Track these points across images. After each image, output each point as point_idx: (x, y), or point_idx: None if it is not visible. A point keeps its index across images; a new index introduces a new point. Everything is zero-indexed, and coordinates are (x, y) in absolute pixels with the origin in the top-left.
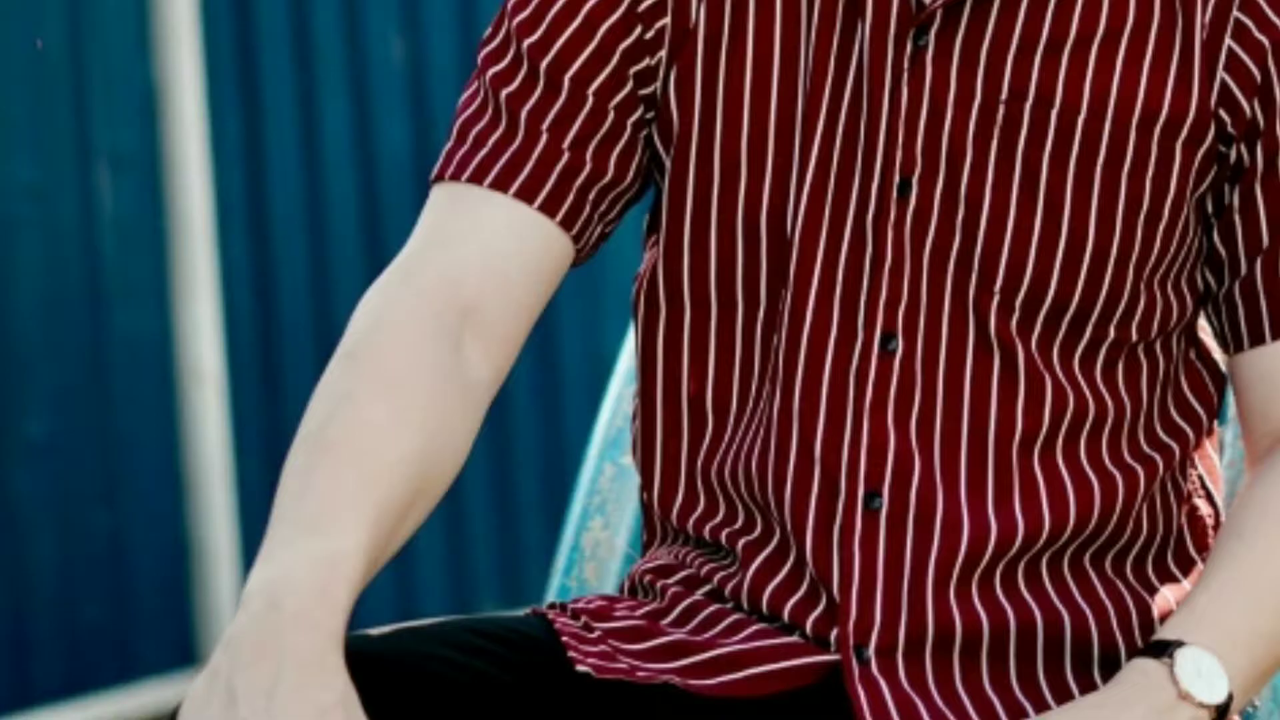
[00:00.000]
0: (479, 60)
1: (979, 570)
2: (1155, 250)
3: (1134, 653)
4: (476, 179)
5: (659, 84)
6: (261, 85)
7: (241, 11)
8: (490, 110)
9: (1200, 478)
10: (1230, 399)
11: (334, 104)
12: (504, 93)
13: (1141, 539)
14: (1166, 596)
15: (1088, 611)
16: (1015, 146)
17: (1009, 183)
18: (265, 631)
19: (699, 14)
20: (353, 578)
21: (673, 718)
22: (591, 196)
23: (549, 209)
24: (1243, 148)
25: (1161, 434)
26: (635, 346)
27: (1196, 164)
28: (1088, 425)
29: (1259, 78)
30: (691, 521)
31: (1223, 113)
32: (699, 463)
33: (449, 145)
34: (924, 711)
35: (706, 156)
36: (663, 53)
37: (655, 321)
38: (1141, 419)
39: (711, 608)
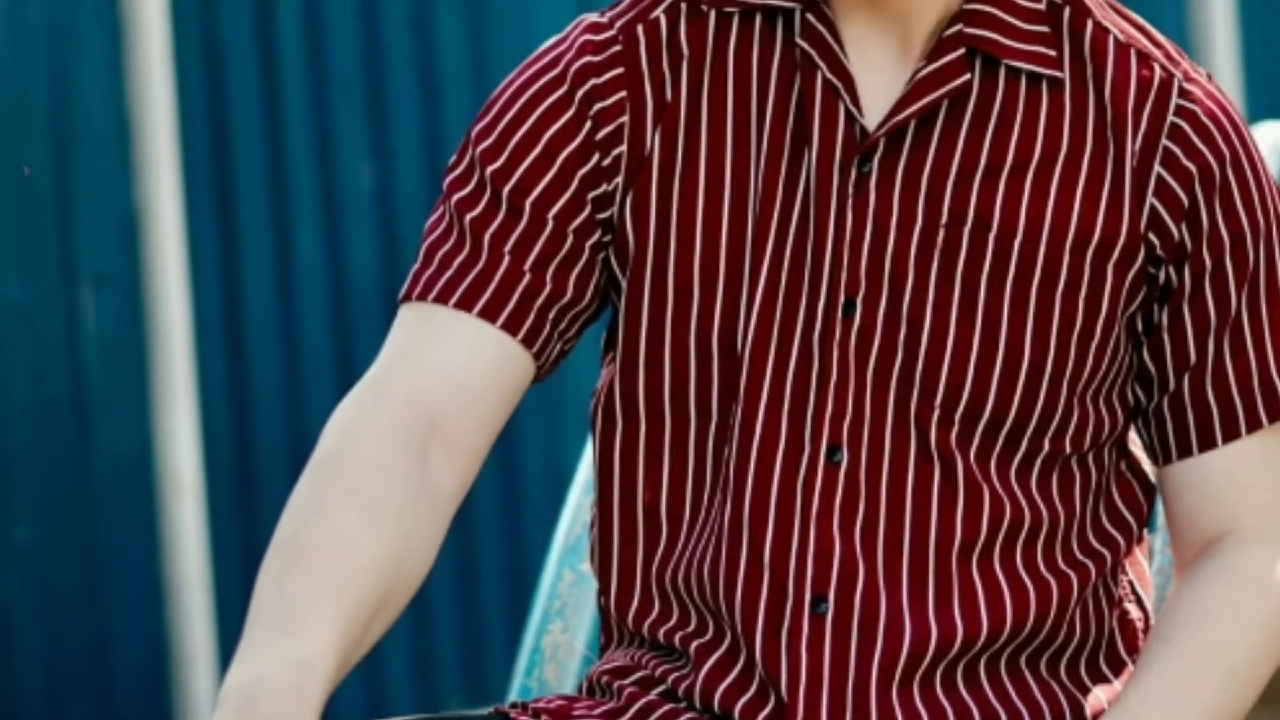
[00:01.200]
0: (444, 186)
1: (920, 671)
2: (1088, 367)
3: None
4: (442, 299)
5: (616, 208)
6: (237, 209)
7: (218, 139)
8: (455, 233)
9: (1131, 583)
10: (1159, 508)
11: (306, 227)
12: (468, 217)
13: (1075, 641)
14: (1099, 696)
15: (1024, 711)
16: (955, 268)
17: (949, 302)
18: None
19: (654, 142)
20: (325, 678)
21: None
22: (551, 316)
23: (511, 328)
24: (1171, 269)
25: (1094, 541)
26: (593, 458)
27: (1127, 285)
28: (1024, 533)
29: (1186, 203)
30: (647, 625)
31: (1152, 236)
32: (654, 569)
33: (416, 267)
34: None
35: (661, 277)
36: (619, 179)
37: (612, 434)
38: (1075, 527)
39: (665, 707)
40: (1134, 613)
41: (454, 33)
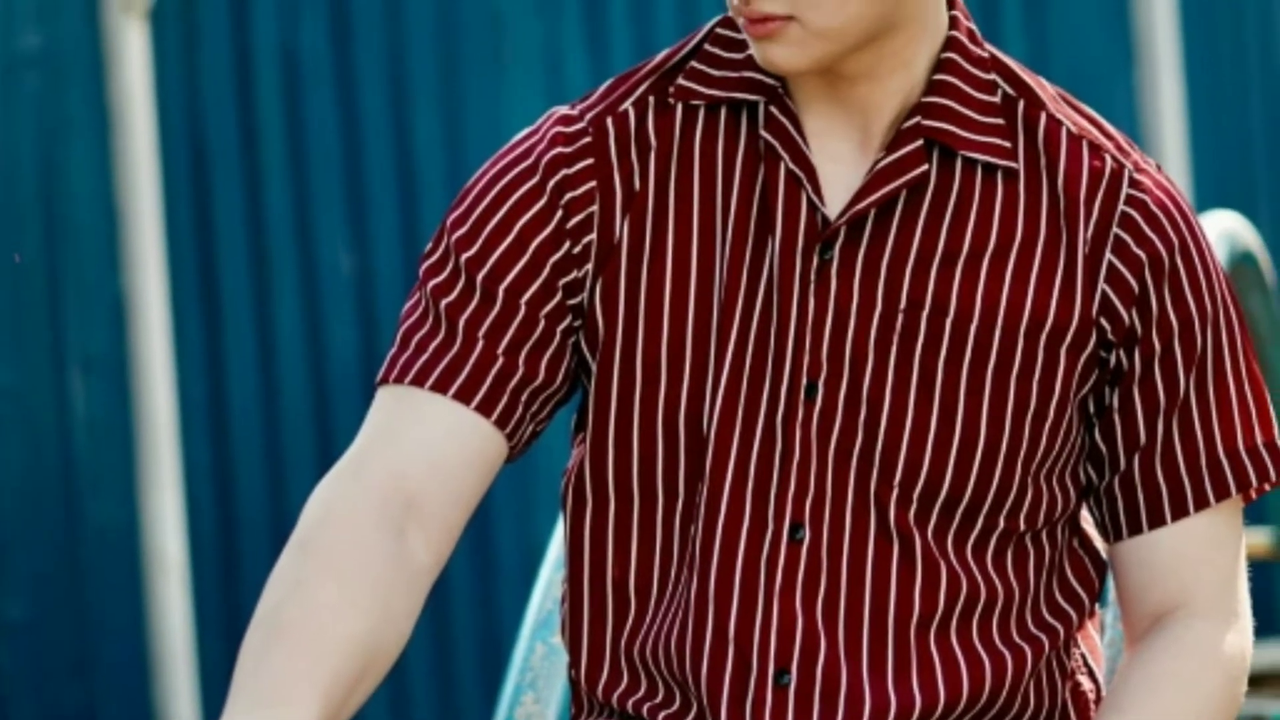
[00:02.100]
0: (420, 272)
1: None
2: (1042, 447)
3: None
4: (418, 382)
5: (586, 294)
6: (221, 295)
7: (203, 228)
8: (431, 318)
9: (1083, 656)
10: (1110, 583)
11: (288, 312)
12: (443, 302)
13: (1029, 712)
14: None
15: None
16: (913, 352)
17: (907, 385)
18: None
19: (622, 230)
20: None
21: None
22: (524, 398)
23: (485, 410)
24: (1122, 353)
25: (1047, 616)
26: (564, 535)
27: (1080, 368)
28: (980, 607)
29: (1136, 289)
30: (616, 696)
31: (1103, 321)
32: (623, 642)
33: (393, 350)
34: None
35: (629, 361)
36: (589, 266)
37: (582, 512)
38: (1030, 602)
39: None
40: (1086, 684)
41: (430, 124)
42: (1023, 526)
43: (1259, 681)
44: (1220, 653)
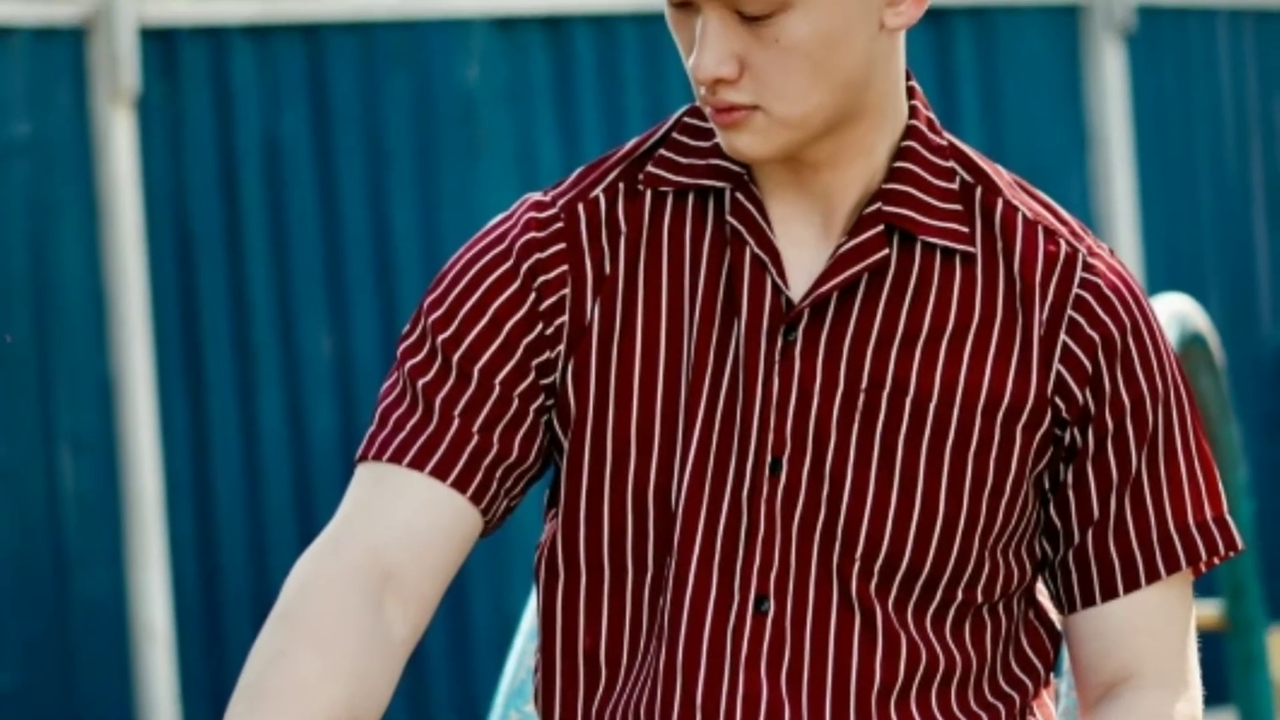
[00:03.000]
0: (398, 353)
1: None
2: (999, 522)
3: None
4: (396, 459)
5: (558, 374)
6: (206, 376)
7: (188, 311)
8: (408, 398)
9: None
10: (1065, 653)
11: (270, 392)
12: (420, 382)
13: None
14: None
15: None
16: (874, 429)
17: (869, 462)
18: None
19: (593, 313)
20: None
21: None
22: (498, 474)
23: (461, 486)
24: (1076, 431)
25: (1004, 685)
26: (537, 607)
27: (1035, 445)
28: (939, 677)
29: (1090, 369)
30: None
31: (1058, 400)
32: (594, 710)
33: (371, 429)
34: None
35: (600, 438)
36: (561, 346)
37: (555, 585)
38: (987, 672)
39: None
40: None
41: (407, 211)
42: (980, 598)
43: None
44: None
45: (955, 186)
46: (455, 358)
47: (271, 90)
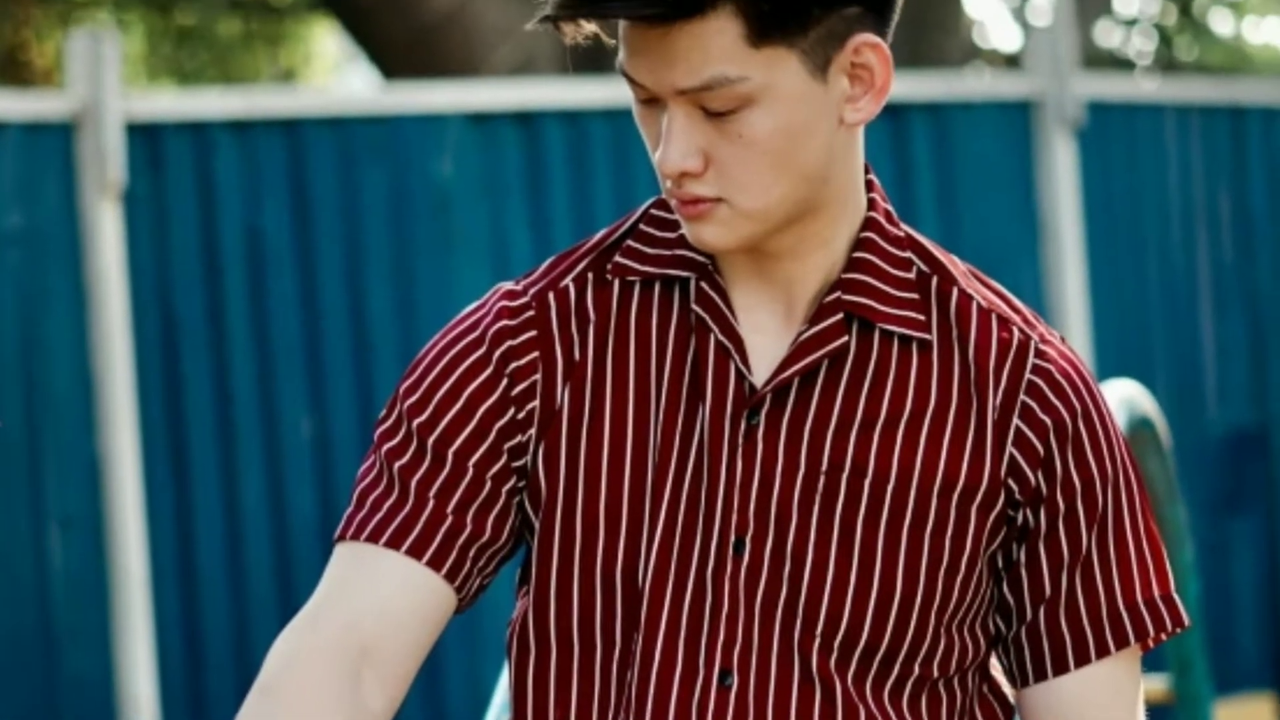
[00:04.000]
0: (375, 436)
1: None
2: (954, 599)
3: None
4: (373, 538)
5: (530, 456)
6: (190, 457)
7: (172, 395)
8: (385, 479)
9: None
10: None
11: (252, 473)
12: (396, 465)
13: None
14: None
15: None
16: (834, 510)
17: (829, 541)
18: None
19: (563, 398)
20: None
21: None
22: (472, 553)
23: (435, 564)
24: (1028, 511)
25: None
26: (509, 681)
27: (989, 525)
28: None
29: (1042, 452)
30: None
31: (1011, 482)
32: None
33: (349, 509)
34: None
35: (570, 519)
36: (533, 430)
37: (526, 660)
38: None
39: None
40: None
41: (384, 299)
42: (936, 673)
43: None
44: None
45: (912, 276)
46: (430, 441)
47: (253, 182)
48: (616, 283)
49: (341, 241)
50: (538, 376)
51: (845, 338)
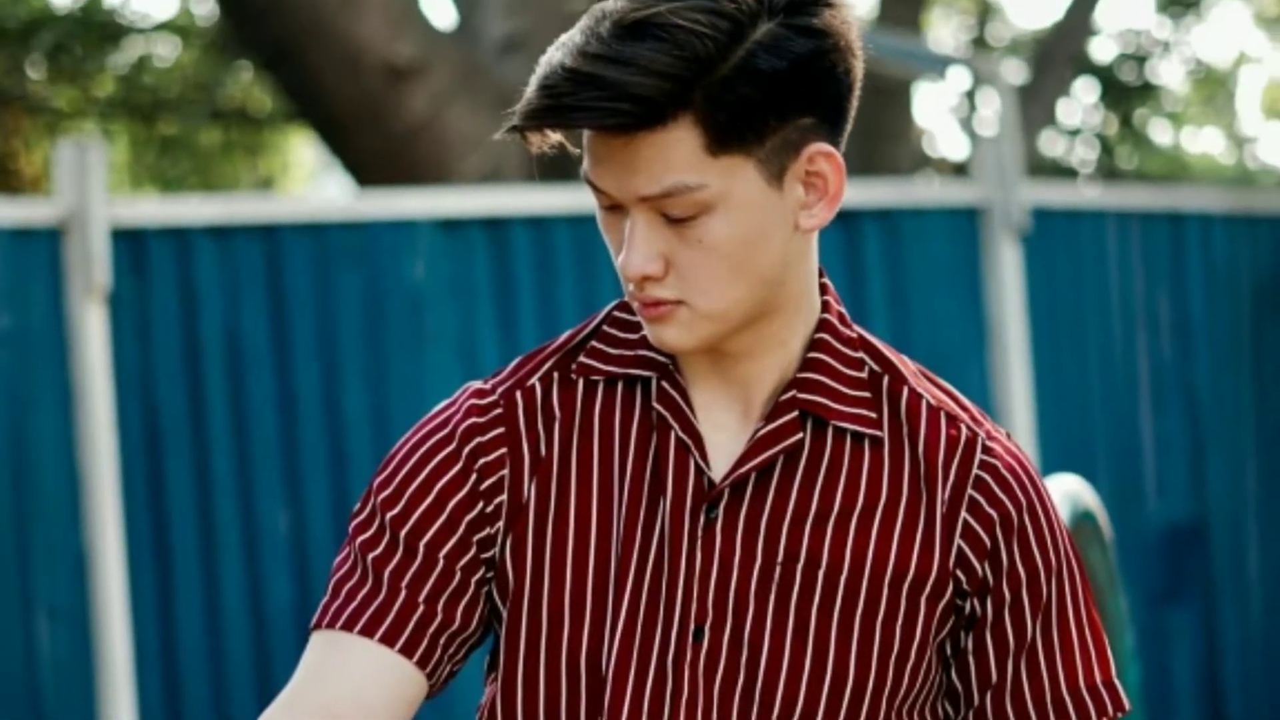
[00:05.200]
0: (350, 529)
1: None
2: (904, 686)
3: None
4: (348, 627)
5: (498, 548)
6: (172, 550)
7: (155, 490)
8: (359, 570)
9: None
10: None
11: (231, 565)
12: (370, 556)
13: None
14: None
15: None
16: (789, 600)
17: (785, 629)
18: None
19: (530, 492)
20: None
21: None
22: (442, 641)
23: (407, 652)
24: (976, 601)
25: None
26: None
27: (938, 614)
28: None
29: (989, 544)
30: None
31: (959, 572)
32: None
33: (325, 599)
34: None
35: (536, 608)
36: (501, 523)
37: None
38: None
39: None
40: None
41: (358, 398)
42: None
43: None
44: None
45: (864, 375)
46: (403, 534)
47: (233, 285)
48: (581, 382)
49: (317, 342)
50: (505, 472)
51: (800, 435)
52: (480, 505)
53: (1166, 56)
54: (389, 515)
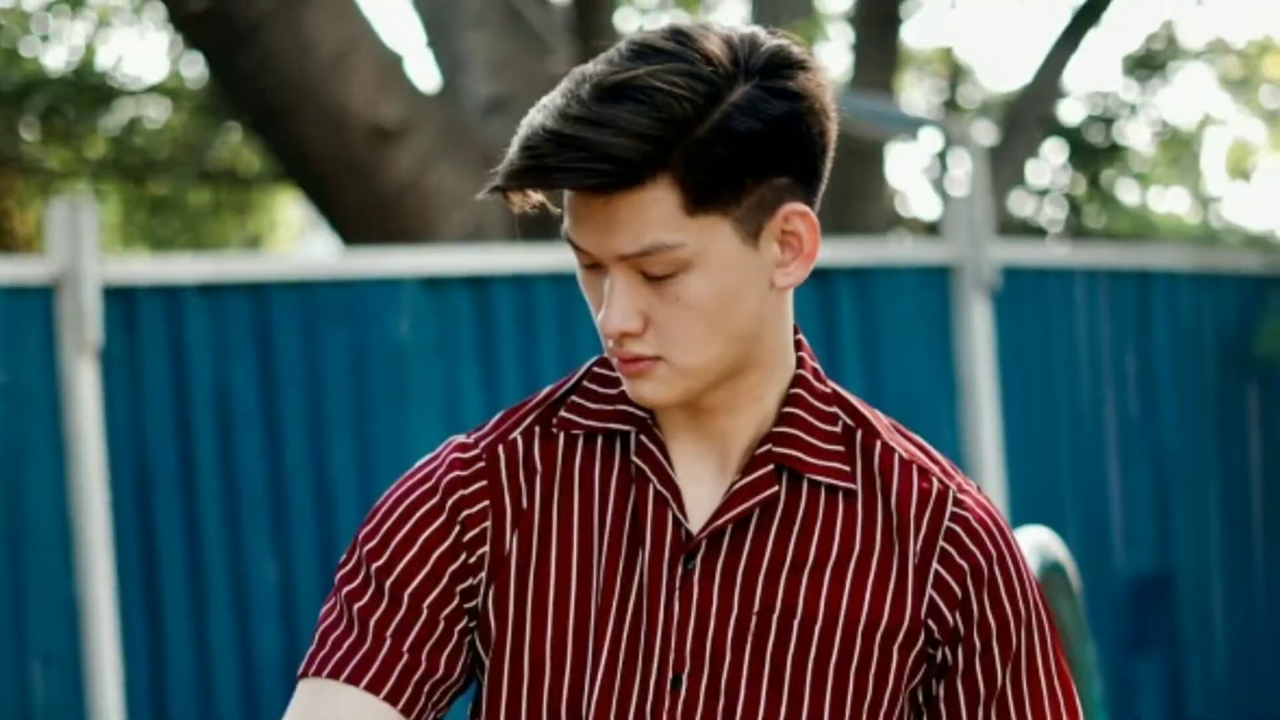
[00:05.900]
0: (336, 580)
1: None
2: None
3: None
4: (334, 674)
5: (480, 598)
6: (162, 599)
7: (146, 541)
8: (345, 620)
9: None
10: None
11: (220, 614)
12: (356, 606)
13: None
14: None
15: None
16: (765, 649)
17: (760, 678)
18: None
19: (512, 544)
20: None
21: None
22: (426, 689)
23: (392, 699)
24: (947, 650)
25: None
26: None
27: (910, 663)
28: None
29: (960, 594)
30: None
31: (931, 622)
32: None
33: (312, 648)
34: None
35: (518, 657)
36: (483, 574)
37: None
38: None
39: None
40: None
41: (344, 453)
42: None
43: None
44: None
45: (838, 429)
46: (387, 584)
47: (222, 342)
48: (562, 436)
49: (304, 398)
50: (488, 524)
51: (775, 488)
52: (463, 556)
53: (1133, 118)
54: (374, 566)
